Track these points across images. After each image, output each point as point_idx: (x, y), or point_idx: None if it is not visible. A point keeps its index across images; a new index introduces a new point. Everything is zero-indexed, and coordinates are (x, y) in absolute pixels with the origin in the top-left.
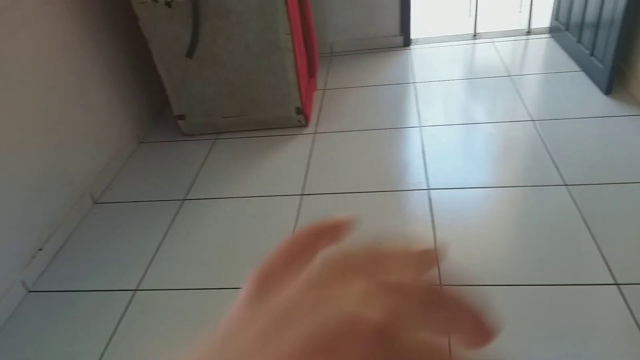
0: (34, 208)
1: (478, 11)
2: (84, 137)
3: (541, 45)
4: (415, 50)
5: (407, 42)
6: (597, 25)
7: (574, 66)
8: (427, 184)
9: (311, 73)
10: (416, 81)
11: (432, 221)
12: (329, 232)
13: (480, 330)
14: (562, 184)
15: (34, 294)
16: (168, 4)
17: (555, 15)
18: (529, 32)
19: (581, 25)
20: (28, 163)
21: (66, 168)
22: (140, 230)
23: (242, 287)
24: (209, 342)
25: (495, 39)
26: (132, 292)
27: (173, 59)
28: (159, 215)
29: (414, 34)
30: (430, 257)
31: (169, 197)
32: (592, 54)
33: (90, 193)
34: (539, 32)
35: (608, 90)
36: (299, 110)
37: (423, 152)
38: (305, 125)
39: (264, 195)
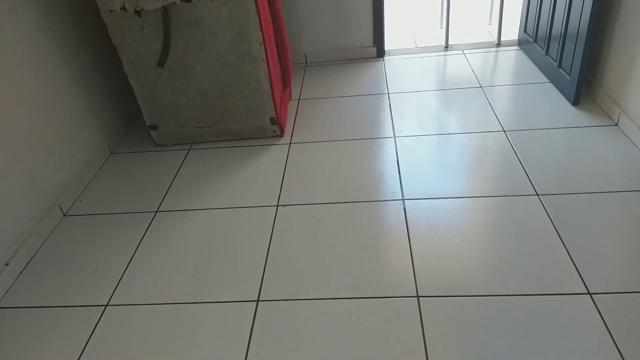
0: (0, 220)
1: (449, 23)
2: (52, 148)
3: (511, 57)
4: (388, 61)
5: (380, 53)
6: (563, 37)
7: (542, 77)
8: (402, 194)
9: (285, 83)
10: (390, 92)
11: (407, 231)
12: None
13: None
14: (534, 193)
15: (0, 310)
16: (138, 13)
17: (524, 28)
18: (498, 44)
19: (548, 38)
20: None
21: (33, 180)
22: (111, 243)
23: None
24: None
25: (466, 51)
26: (103, 307)
27: (144, 68)
28: (130, 227)
29: (387, 45)
30: None
31: (141, 209)
32: (559, 66)
33: (60, 205)
34: (509, 44)
35: (576, 101)
36: (273, 121)
37: (397, 163)
38: (280, 135)
39: (239, 207)
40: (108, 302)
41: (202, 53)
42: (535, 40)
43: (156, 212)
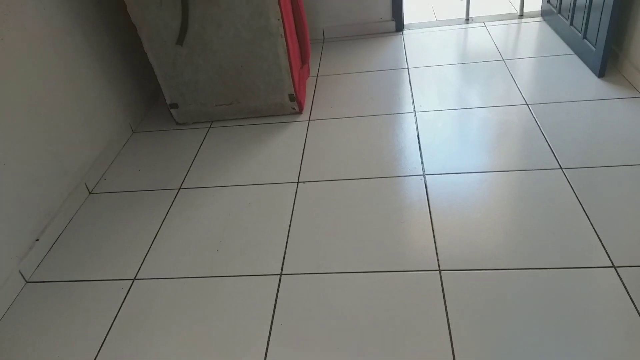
0: (30, 198)
1: None
2: (76, 127)
3: (534, 28)
4: (408, 35)
5: (399, 27)
6: (589, 7)
7: (566, 49)
8: (423, 169)
9: (304, 60)
10: (410, 66)
11: (429, 206)
12: None
13: None
14: (558, 167)
15: (31, 285)
16: None
17: None
18: (521, 16)
19: (573, 8)
20: (22, 154)
21: (60, 158)
22: (136, 219)
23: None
24: None
25: (487, 23)
26: (131, 281)
27: (163, 46)
28: (155, 204)
29: (406, 19)
30: None
31: (165, 186)
32: (584, 37)
33: (85, 183)
34: (531, 15)
35: (601, 73)
36: (292, 97)
37: (418, 138)
38: (299, 112)
39: (259, 183)
40: (136, 276)
41: (220, 29)
42: (559, 10)
43: (179, 189)
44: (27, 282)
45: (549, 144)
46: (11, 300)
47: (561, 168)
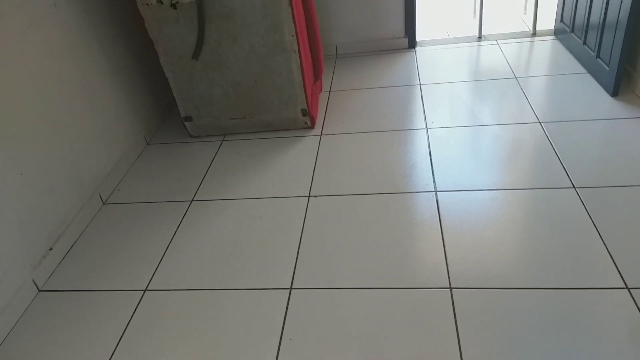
0: (44, 208)
1: (483, 13)
2: (92, 138)
3: (547, 47)
4: (420, 52)
5: (412, 43)
6: (602, 26)
7: (580, 68)
8: (434, 185)
9: (317, 75)
10: (422, 83)
11: (440, 223)
12: None
13: None
14: (571, 186)
15: (44, 293)
16: (173, 6)
17: (560, 17)
18: (534, 34)
19: (586, 27)
20: (37, 163)
21: (75, 168)
22: (149, 230)
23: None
24: None
25: (500, 41)
26: (142, 291)
27: (179, 60)
28: (167, 215)
29: (419, 36)
30: None
31: (177, 198)
32: (598, 56)
33: (99, 193)
34: (544, 33)
35: (615, 92)
36: (305, 112)
37: (430, 154)
38: (312, 127)
39: (271, 197)
40: (147, 287)
41: (235, 45)
42: (573, 29)
43: (191, 201)
44: (39, 290)
45: (561, 163)
46: (24, 308)
47: (574, 187)
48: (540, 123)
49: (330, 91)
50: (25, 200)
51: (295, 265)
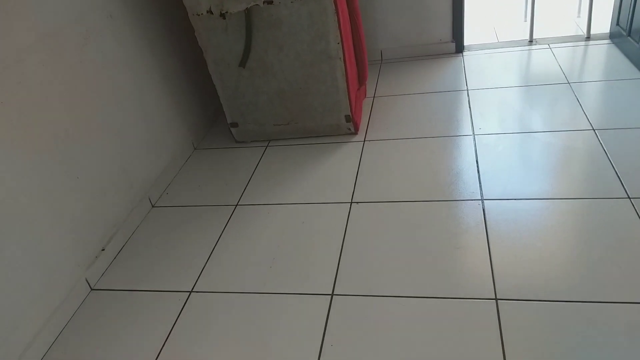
0: (97, 210)
1: (534, 16)
2: (143, 144)
3: (601, 51)
4: (468, 56)
5: (459, 48)
6: None
7: (637, 73)
8: (481, 193)
9: (361, 81)
10: (469, 88)
11: (486, 232)
12: None
13: None
14: (626, 196)
15: (96, 292)
16: (222, 16)
17: (616, 21)
18: (588, 38)
19: None
20: (93, 168)
21: (126, 173)
22: (195, 233)
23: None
24: None
25: (552, 45)
26: (188, 293)
27: (227, 68)
28: (213, 219)
29: (467, 40)
30: None
31: (223, 202)
32: None
33: (149, 197)
34: (599, 37)
35: None
36: (348, 118)
37: (477, 161)
38: (355, 133)
39: (314, 203)
40: (192, 289)
41: (281, 53)
42: (629, 33)
43: (236, 205)
44: (92, 289)
45: (616, 172)
46: (77, 306)
47: (629, 197)
48: (594, 130)
49: (374, 97)
50: (79, 203)
51: (337, 271)
